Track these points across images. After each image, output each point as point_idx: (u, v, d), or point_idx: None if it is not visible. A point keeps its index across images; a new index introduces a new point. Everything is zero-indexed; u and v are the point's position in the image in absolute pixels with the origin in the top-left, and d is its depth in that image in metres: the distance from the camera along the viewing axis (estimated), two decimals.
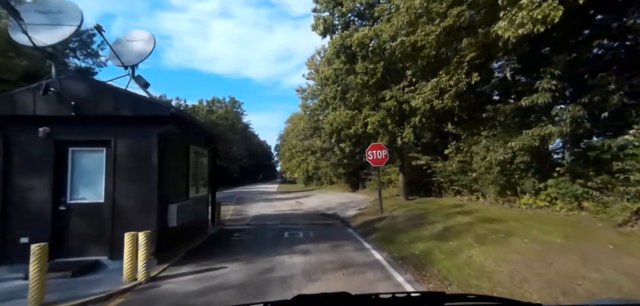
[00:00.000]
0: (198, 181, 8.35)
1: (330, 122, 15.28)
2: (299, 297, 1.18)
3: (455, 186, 13.12)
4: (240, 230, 9.75)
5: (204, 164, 9.09)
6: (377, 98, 14.12)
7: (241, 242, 8.03)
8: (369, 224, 9.97)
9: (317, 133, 29.41)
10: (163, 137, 5.95)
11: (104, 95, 5.61)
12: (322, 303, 1.25)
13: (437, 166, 13.83)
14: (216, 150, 10.92)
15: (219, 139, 9.89)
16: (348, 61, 14.57)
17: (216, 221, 10.73)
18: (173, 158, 6.73)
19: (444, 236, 6.84)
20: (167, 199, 6.23)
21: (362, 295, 1.23)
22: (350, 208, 15.07)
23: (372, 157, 11.39)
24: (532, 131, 8.04)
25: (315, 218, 12.36)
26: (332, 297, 1.22)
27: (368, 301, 1.20)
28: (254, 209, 15.89)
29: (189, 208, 6.97)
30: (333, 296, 1.21)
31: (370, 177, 25.79)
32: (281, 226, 10.40)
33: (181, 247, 6.88)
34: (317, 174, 41.58)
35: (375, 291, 1.26)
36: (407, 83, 13.49)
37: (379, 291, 1.28)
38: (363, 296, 1.23)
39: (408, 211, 11.01)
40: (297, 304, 1.15)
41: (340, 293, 1.19)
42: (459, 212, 9.23)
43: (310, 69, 29.59)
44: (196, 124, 7.01)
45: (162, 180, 5.97)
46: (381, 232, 8.50)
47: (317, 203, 18.33)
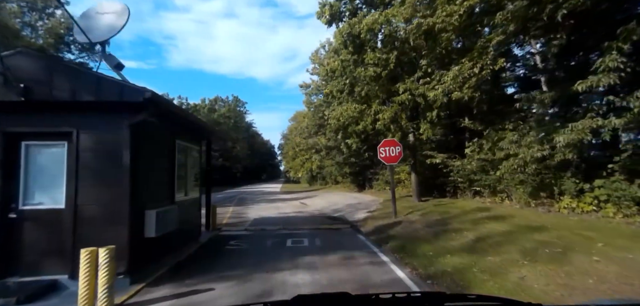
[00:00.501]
0: (188, 181, 7.26)
1: (337, 117, 14.13)
2: (298, 297, 1.16)
3: (476, 187, 11.87)
4: (237, 237, 8.64)
5: (195, 163, 8.00)
6: (388, 91, 12.91)
7: (237, 253, 6.92)
8: (382, 230, 8.80)
9: (322, 131, 28.26)
10: (138, 129, 4.86)
11: (60, 75, 4.53)
12: (322, 303, 1.25)
13: (454, 164, 12.62)
14: (211, 147, 9.83)
15: (213, 134, 8.80)
16: (356, 51, 13.40)
17: (211, 226, 9.64)
18: (153, 154, 5.64)
19: (479, 249, 5.65)
20: (144, 204, 5.14)
21: (362, 295, 1.23)
22: (358, 210, 13.91)
23: (384, 154, 10.22)
24: (582, 122, 6.75)
25: (320, 222, 11.22)
26: (332, 297, 1.22)
27: (368, 301, 1.20)
28: (254, 212, 14.80)
29: (173, 214, 5.87)
30: (333, 296, 1.20)
31: (378, 176, 24.58)
32: (283, 231, 9.28)
33: (165, 260, 5.78)
34: (322, 173, 40.45)
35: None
36: (422, 74, 12.28)
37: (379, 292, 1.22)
38: (363, 296, 1.23)
39: (425, 214, 9.82)
40: (297, 304, 1.13)
41: (340, 293, 1.18)
42: (488, 217, 8.02)
43: (315, 63, 28.45)
44: (181, 115, 5.93)
45: (137, 181, 4.88)
46: (398, 240, 7.32)
47: (323, 204, 17.19)
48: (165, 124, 6.08)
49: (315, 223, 10.94)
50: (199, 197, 8.23)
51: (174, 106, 5.43)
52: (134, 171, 4.82)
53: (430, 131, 12.37)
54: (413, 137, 14.06)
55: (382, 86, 12.69)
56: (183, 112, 6.00)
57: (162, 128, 6.03)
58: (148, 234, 5.09)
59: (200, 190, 8.51)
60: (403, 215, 10.35)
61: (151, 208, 5.20)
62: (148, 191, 5.33)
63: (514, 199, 10.42)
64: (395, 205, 10.15)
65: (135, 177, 4.85)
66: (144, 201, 5.14)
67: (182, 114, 5.96)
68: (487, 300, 1.23)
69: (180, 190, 6.94)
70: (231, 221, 11.91)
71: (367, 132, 13.58)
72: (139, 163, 4.99)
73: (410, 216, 10.16)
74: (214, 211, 9.94)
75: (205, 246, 7.57)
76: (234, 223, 11.40)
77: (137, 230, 4.95)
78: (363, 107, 13.43)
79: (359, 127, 13.20)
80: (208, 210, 9.64)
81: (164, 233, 5.46)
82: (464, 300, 1.34)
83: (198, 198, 8.16)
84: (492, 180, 11.02)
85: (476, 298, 1.23)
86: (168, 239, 5.84)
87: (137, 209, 4.93)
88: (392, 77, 13.13)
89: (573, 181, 7.81)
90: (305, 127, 34.09)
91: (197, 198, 8.10)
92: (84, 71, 5.08)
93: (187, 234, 7.28)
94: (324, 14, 13.71)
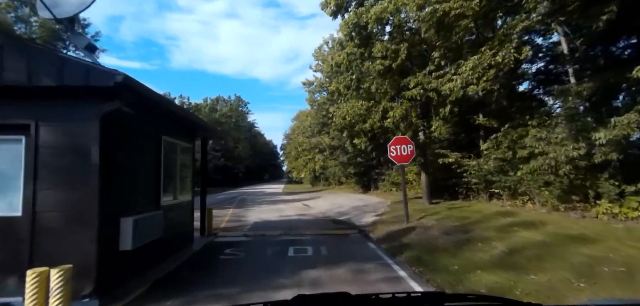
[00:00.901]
0: (177, 183, 6.45)
1: (342, 115, 13.27)
2: (298, 297, 1.15)
3: (494, 189, 10.95)
4: (234, 244, 7.83)
5: (187, 162, 7.20)
6: (398, 86, 12.05)
7: (232, 264, 6.10)
8: (395, 236, 7.94)
9: (326, 129, 27.42)
10: (111, 121, 4.06)
11: (12, 54, 3.73)
12: (322, 303, 1.24)
13: (469, 164, 11.71)
14: (206, 145, 9.03)
15: (208, 131, 8.00)
16: (363, 44, 12.55)
17: (207, 232, 8.84)
18: (133, 152, 4.83)
19: (517, 264, 4.78)
20: (120, 210, 4.34)
21: (362, 295, 1.22)
22: (365, 213, 13.05)
23: (395, 153, 9.36)
24: (627, 116, 5.85)
25: (325, 227, 10.38)
26: (332, 297, 1.21)
27: (368, 301, 1.20)
28: (255, 214, 13.98)
29: (157, 221, 5.07)
30: (333, 296, 1.20)
31: (384, 177, 23.68)
32: (285, 237, 8.45)
33: (148, 274, 4.97)
34: (325, 174, 39.61)
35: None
36: (434, 67, 11.40)
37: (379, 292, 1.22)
38: (363, 296, 1.22)
39: (441, 219, 8.94)
40: (297, 304, 1.13)
41: (340, 292, 1.17)
42: (515, 223, 7.14)
43: (318, 60, 27.60)
44: (168, 108, 5.13)
45: (110, 183, 4.08)
46: (414, 250, 6.45)
47: (327, 207, 16.34)
48: (148, 117, 5.28)
49: (320, 228, 10.10)
50: (191, 200, 7.42)
51: (156, 96, 4.62)
52: (106, 171, 4.01)
53: (443, 128, 11.50)
54: (423, 136, 13.20)
55: (391, 80, 11.83)
56: (170, 104, 5.20)
57: (145, 122, 5.23)
58: (124, 247, 4.28)
59: (194, 192, 7.70)
60: (416, 219, 9.48)
61: (128, 214, 4.39)
62: (125, 194, 4.53)
63: (537, 202, 9.51)
64: (407, 208, 9.28)
65: (108, 178, 4.05)
66: (119, 207, 4.34)
67: (169, 107, 5.18)
68: (487, 299, 1.26)
69: (169, 193, 6.14)
70: (229, 226, 11.10)
71: (375, 131, 12.72)
72: (113, 161, 4.19)
73: (423, 220, 9.29)
74: (210, 215, 9.14)
75: (198, 255, 6.76)
76: (232, 228, 10.59)
77: (110, 241, 4.14)
78: (370, 104, 12.57)
79: (366, 125, 12.33)
80: (203, 214, 8.84)
81: (144, 243, 4.65)
82: (464, 300, 1.36)
83: (190, 201, 7.35)
84: (512, 181, 10.11)
85: (476, 298, 1.22)
86: (152, 249, 5.04)
87: (110, 216, 4.12)
88: (402, 71, 12.28)
89: (612, 183, 6.91)
90: (309, 126, 33.22)
91: (190, 201, 7.29)
92: (41, 49, 4.29)
93: (177, 242, 6.47)
94: (329, 5, 12.88)
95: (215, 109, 61.01)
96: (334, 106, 16.29)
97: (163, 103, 4.96)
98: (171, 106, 5.30)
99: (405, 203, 9.31)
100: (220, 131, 10.71)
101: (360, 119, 12.65)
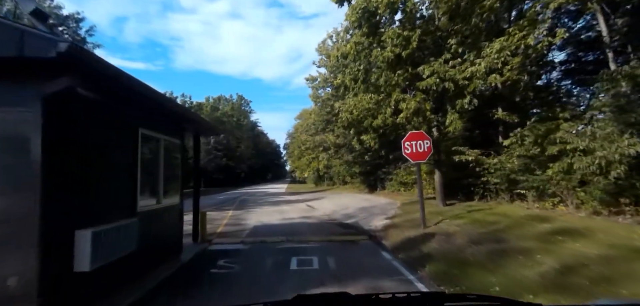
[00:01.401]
0: (160, 184, 5.52)
1: (349, 110, 12.27)
2: (298, 297, 1.15)
3: (519, 189, 9.89)
4: (229, 253, 6.90)
5: (174, 160, 6.27)
6: (410, 78, 11.04)
7: (224, 281, 5.16)
8: (412, 244, 6.94)
9: (330, 127, 26.42)
10: (59, 106, 3.13)
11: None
12: (322, 303, 1.24)
13: (490, 162, 10.66)
14: (199, 141, 8.11)
15: (200, 125, 7.05)
16: (371, 32, 11.56)
17: (200, 238, 7.92)
18: (97, 146, 3.90)
19: (579, 288, 3.76)
20: (74, 220, 3.40)
21: (362, 295, 1.22)
22: (374, 215, 12.06)
23: (410, 150, 8.35)
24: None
25: (332, 232, 9.42)
26: (332, 297, 1.21)
27: (368, 301, 1.20)
28: (255, 217, 13.06)
29: (129, 232, 4.13)
30: (333, 296, 1.20)
31: (391, 176, 22.65)
32: (287, 245, 7.50)
33: (115, 300, 4.04)
34: (329, 173, 38.63)
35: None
36: (450, 56, 10.37)
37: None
38: (363, 296, 1.23)
39: (464, 224, 7.92)
40: (297, 304, 1.12)
41: (340, 292, 1.17)
42: (556, 231, 6.11)
43: (322, 55, 26.58)
44: (145, 94, 4.19)
45: (59, 186, 3.16)
46: (439, 263, 5.46)
47: (332, 208, 15.37)
48: (120, 104, 4.35)
49: (326, 233, 9.14)
50: (179, 203, 6.49)
51: (126, 77, 3.68)
52: (54, 171, 3.09)
53: (459, 122, 10.47)
54: (437, 132, 12.18)
55: (402, 70, 10.81)
56: (148, 90, 4.25)
57: (116, 110, 4.30)
58: (79, 267, 3.35)
59: (184, 194, 6.77)
60: (433, 224, 8.48)
61: (87, 225, 3.46)
62: (84, 200, 3.59)
63: (570, 204, 8.45)
64: (424, 212, 8.27)
65: (57, 179, 3.12)
66: (74, 216, 3.40)
67: (147, 93, 4.24)
68: (487, 299, 1.22)
69: (149, 196, 5.22)
70: (227, 230, 10.18)
71: (387, 126, 11.70)
72: (65, 158, 3.26)
73: (442, 225, 8.28)
74: (204, 219, 8.22)
75: (186, 268, 5.82)
76: (230, 232, 9.66)
77: (60, 261, 3.21)
78: (380, 98, 11.54)
79: (377, 121, 11.29)
80: (195, 218, 7.93)
81: (111, 260, 3.72)
82: (464, 300, 1.34)
83: (178, 205, 6.42)
84: (540, 181, 9.06)
85: (476, 298, 1.22)
86: (125, 266, 4.12)
87: (60, 228, 3.19)
88: (414, 61, 11.26)
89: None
90: (312, 123, 32.20)
91: (177, 205, 6.36)
92: None
93: (161, 254, 5.55)
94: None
95: (217, 108, 60.33)
96: (340, 102, 15.33)
97: (137, 88, 4.03)
98: (150, 93, 4.36)
99: (422, 205, 8.30)
100: (214, 126, 9.79)
101: (369, 114, 11.64)
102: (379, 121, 11.26)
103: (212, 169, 49.34)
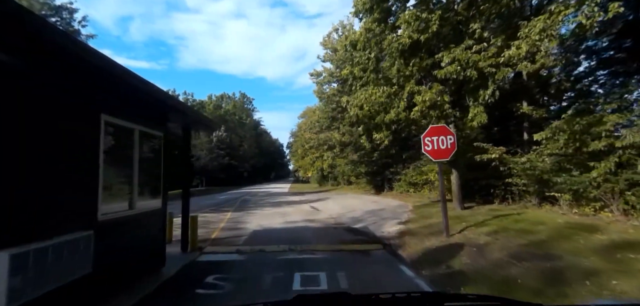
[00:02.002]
0: (134, 185, 4.51)
1: (358, 105, 11.18)
2: (298, 297, 1.14)
3: (553, 192, 8.74)
4: (221, 266, 5.88)
5: (153, 156, 5.27)
6: (426, 66, 9.95)
7: (210, 304, 4.15)
8: (436, 257, 5.87)
9: (335, 125, 25.31)
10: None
11: None
12: (322, 303, 1.24)
13: (517, 161, 9.54)
14: (189, 135, 7.12)
15: (187, 116, 6.03)
16: (383, 19, 10.49)
17: (190, 246, 6.93)
18: (33, 133, 2.89)
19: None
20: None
21: (362, 295, 1.22)
22: (385, 219, 10.98)
23: (431, 147, 7.27)
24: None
25: (339, 238, 8.38)
26: (332, 297, 1.21)
27: (368, 301, 1.20)
28: (256, 219, 12.06)
29: (79, 250, 3.12)
30: (333, 296, 1.19)
31: (399, 177, 21.51)
32: (290, 255, 6.48)
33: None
34: (333, 173, 37.55)
35: None
36: (473, 42, 9.25)
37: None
38: (363, 296, 1.22)
39: (494, 233, 6.82)
40: (297, 304, 1.11)
41: (340, 292, 1.15)
42: (620, 246, 5.00)
43: (327, 49, 25.45)
44: (105, 68, 3.15)
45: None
46: (478, 286, 4.36)
47: (338, 210, 14.31)
48: (72, 82, 3.34)
49: (333, 240, 8.10)
50: (162, 207, 5.47)
51: (79, 47, 2.69)
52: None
53: (484, 115, 9.36)
54: (454, 128, 11.06)
55: (418, 58, 9.71)
56: (112, 66, 3.23)
57: (66, 90, 3.29)
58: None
59: (167, 196, 5.76)
60: (457, 232, 7.39)
61: (7, 243, 2.44)
62: (6, 209, 2.58)
63: (615, 210, 7.31)
64: (447, 219, 7.18)
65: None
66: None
67: (112, 70, 3.22)
68: (487, 300, 1.22)
69: (119, 200, 4.21)
70: (223, 235, 9.18)
71: (400, 122, 10.60)
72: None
73: (468, 233, 7.19)
74: (194, 224, 7.21)
75: (166, 287, 4.80)
76: (226, 238, 8.66)
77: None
78: (393, 90, 10.44)
79: (390, 115, 10.20)
80: (185, 224, 6.93)
81: (45, 291, 2.71)
82: (464, 300, 1.33)
83: (160, 209, 5.40)
84: (579, 183, 7.91)
85: (476, 298, 1.22)
86: (77, 293, 3.11)
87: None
88: (430, 49, 10.16)
89: None
90: (317, 121, 31.07)
91: (158, 209, 5.34)
92: None
93: (134, 270, 4.54)
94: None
95: (219, 106, 59.59)
96: (347, 97, 14.20)
97: (96, 62, 3.00)
98: (117, 71, 3.35)
99: (444, 210, 7.20)
100: (205, 118, 8.81)
101: (381, 109, 10.55)
102: (392, 115, 10.16)
103: (214, 168, 48.56)
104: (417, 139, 14.67)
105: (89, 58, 3.00)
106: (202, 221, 11.77)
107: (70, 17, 19.55)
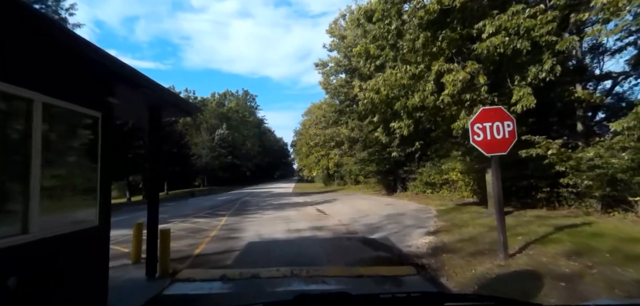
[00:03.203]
0: (28, 195, 2.73)
1: (375, 89, 9.30)
2: (298, 297, 1.13)
3: (624, 193, 6.80)
4: (198, 302, 4.12)
5: (80, 145, 3.51)
6: (461, 38, 8.06)
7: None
8: (503, 295, 4.00)
9: (343, 119, 23.44)
10: None
11: None
12: (322, 303, 1.24)
13: (582, 157, 7.61)
14: (157, 120, 5.36)
15: (144, 91, 4.18)
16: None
17: (158, 271, 5.18)
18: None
19: None
20: None
21: (362, 295, 1.21)
22: (408, 227, 9.10)
23: (482, 137, 5.41)
24: None
25: (355, 254, 6.57)
26: (332, 297, 1.20)
27: (368, 301, 1.20)
28: (253, 227, 10.29)
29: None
30: (333, 296, 1.20)
31: (414, 176, 19.61)
32: (292, 285, 4.69)
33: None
34: (339, 172, 35.69)
35: None
36: (522, 7, 7.32)
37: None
38: (363, 296, 1.21)
39: (579, 255, 4.93)
40: (298, 304, 1.11)
41: (341, 292, 1.15)
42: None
43: (334, 36, 23.55)
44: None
45: None
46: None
47: (349, 214, 12.47)
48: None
49: (348, 258, 6.28)
50: (98, 223, 3.66)
51: None
52: None
53: (531, 97, 7.48)
54: None
55: (451, 27, 7.81)
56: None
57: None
58: None
59: (106, 208, 3.98)
60: (516, 250, 5.52)
61: None
62: None
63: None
64: (505, 234, 5.28)
65: None
66: None
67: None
68: (487, 299, 1.21)
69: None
70: (211, 249, 7.42)
71: (425, 108, 8.71)
72: None
73: (534, 253, 5.31)
74: (166, 240, 5.44)
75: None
76: (213, 254, 6.89)
77: None
78: (418, 71, 8.54)
79: (414, 100, 8.31)
80: (152, 241, 5.18)
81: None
82: (464, 300, 1.34)
83: (94, 227, 3.59)
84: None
85: (476, 298, 1.26)
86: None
87: None
88: (464, 18, 8.26)
89: None
90: (323, 116, 29.16)
91: (90, 229, 3.54)
92: None
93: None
94: None
95: (222, 104, 58.10)
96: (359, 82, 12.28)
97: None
98: None
99: (501, 223, 5.28)
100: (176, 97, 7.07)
101: (401, 93, 8.69)
102: (416, 99, 8.26)
103: (216, 166, 47.08)
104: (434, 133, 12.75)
105: None
106: (190, 229, 10.06)
107: (56, 5, 18.05)
